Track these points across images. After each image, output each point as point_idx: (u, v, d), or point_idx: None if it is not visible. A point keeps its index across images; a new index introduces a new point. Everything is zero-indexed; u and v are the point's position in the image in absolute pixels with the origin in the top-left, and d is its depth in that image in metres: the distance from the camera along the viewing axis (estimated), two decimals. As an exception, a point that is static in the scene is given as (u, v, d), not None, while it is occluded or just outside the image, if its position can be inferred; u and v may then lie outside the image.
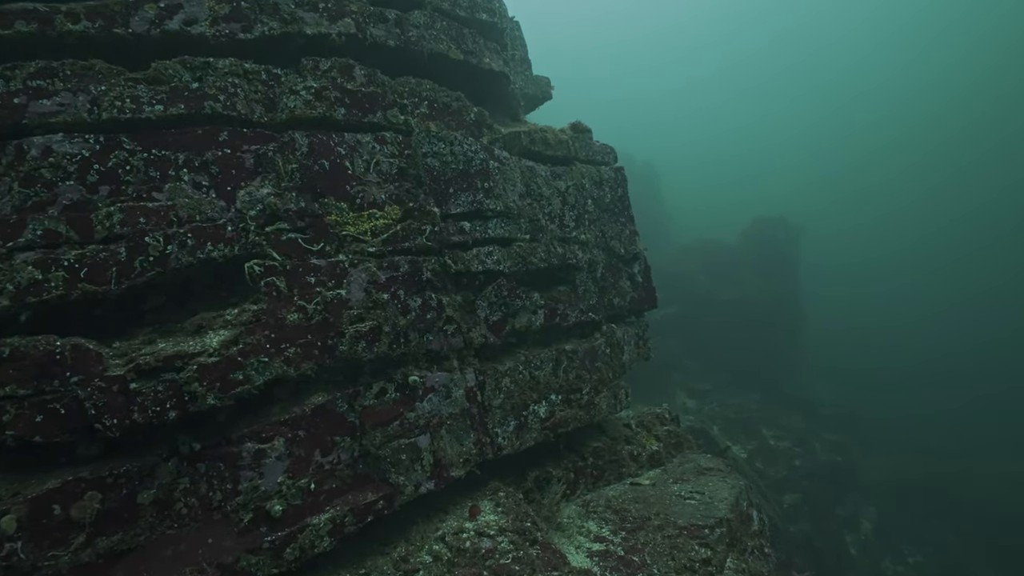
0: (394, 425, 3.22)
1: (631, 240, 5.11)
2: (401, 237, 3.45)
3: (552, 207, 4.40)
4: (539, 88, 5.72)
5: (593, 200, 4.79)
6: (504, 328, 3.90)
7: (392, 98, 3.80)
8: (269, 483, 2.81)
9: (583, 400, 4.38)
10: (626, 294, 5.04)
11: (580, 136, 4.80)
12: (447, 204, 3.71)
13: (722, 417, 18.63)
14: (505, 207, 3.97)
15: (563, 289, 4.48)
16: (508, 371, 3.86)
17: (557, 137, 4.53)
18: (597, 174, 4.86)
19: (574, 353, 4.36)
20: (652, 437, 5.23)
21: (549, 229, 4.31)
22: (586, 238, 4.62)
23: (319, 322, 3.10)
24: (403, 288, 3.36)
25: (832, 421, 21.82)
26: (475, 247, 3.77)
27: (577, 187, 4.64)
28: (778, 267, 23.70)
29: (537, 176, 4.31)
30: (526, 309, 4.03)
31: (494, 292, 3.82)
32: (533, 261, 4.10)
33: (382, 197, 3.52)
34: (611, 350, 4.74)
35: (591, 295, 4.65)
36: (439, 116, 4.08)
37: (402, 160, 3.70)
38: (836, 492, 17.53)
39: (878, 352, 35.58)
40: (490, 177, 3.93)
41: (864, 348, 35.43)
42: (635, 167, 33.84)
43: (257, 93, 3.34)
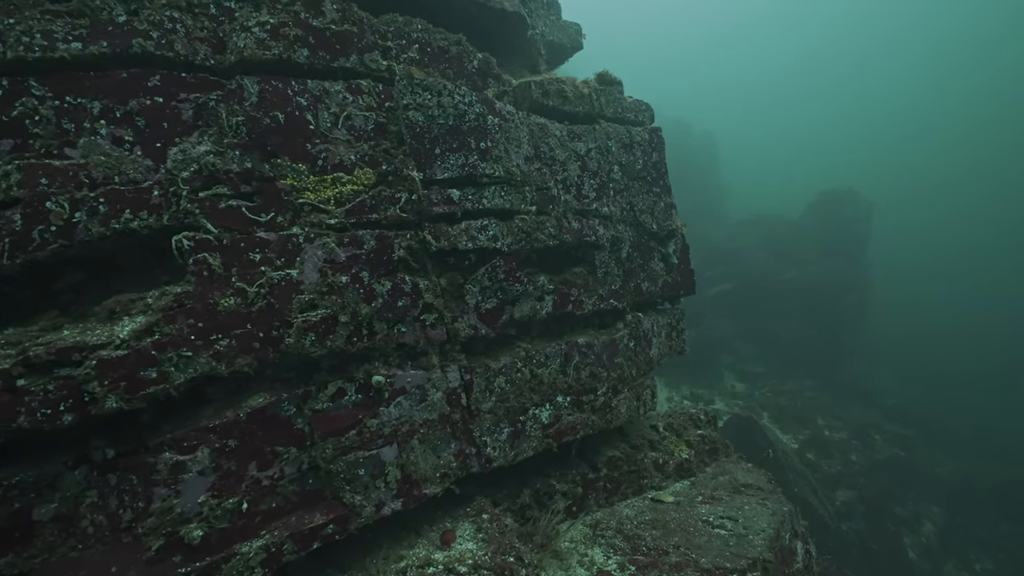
0: (351, 434, 2.68)
1: (666, 214, 4.33)
2: (369, 207, 2.85)
3: (568, 173, 3.68)
4: (567, 36, 4.92)
5: (620, 166, 4.03)
6: (500, 317, 3.27)
7: (372, 39, 3.15)
8: (187, 503, 2.33)
9: (597, 403, 3.73)
10: (658, 278, 4.30)
11: (607, 89, 4.02)
12: (432, 167, 3.07)
13: (773, 404, 17.50)
14: (506, 172, 3.29)
15: (579, 271, 3.80)
16: (503, 369, 3.25)
17: (577, 90, 3.77)
18: (627, 135, 4.08)
19: (589, 347, 3.70)
20: (682, 443, 4.54)
21: (563, 200, 3.61)
22: (609, 211, 3.89)
23: (262, 308, 2.57)
24: (368, 269, 2.77)
25: (895, 413, 20.23)
26: (465, 220, 3.13)
27: (601, 150, 3.89)
28: (845, 245, 21.86)
29: (550, 136, 3.60)
30: (529, 295, 3.38)
31: (488, 275, 3.19)
32: (540, 238, 3.43)
33: (352, 158, 2.92)
34: (636, 343, 4.04)
35: (614, 278, 3.94)
36: (433, 62, 3.41)
37: (381, 114, 3.07)
38: (896, 490, 16.24)
39: (951, 347, 32.85)
40: (488, 136, 3.25)
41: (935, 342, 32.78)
42: (692, 137, 31.98)
43: (203, 30, 2.77)
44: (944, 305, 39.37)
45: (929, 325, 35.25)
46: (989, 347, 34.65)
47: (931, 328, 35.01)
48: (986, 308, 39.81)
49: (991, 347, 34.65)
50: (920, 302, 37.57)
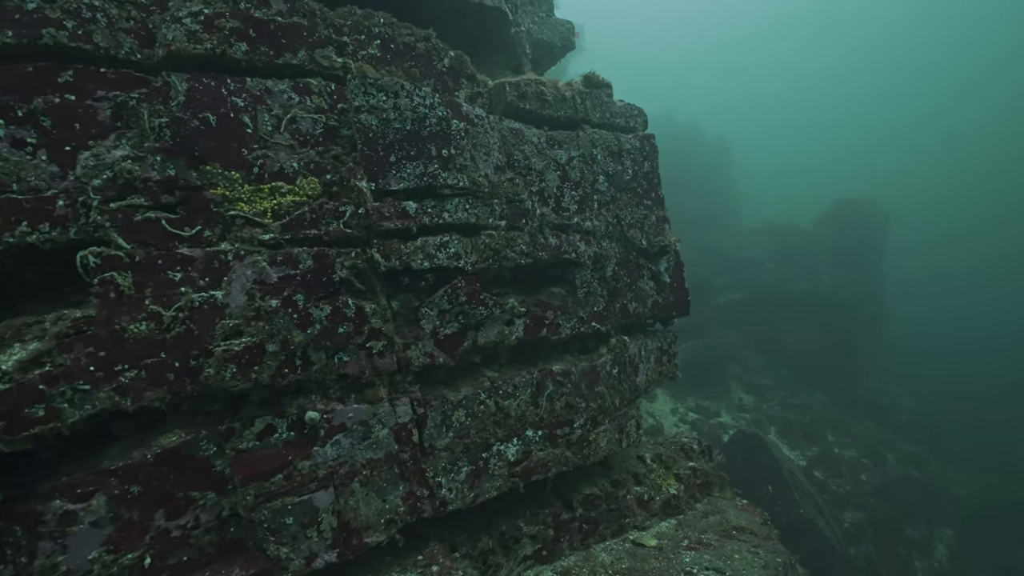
0: (277, 478, 2.37)
1: (658, 229, 3.98)
2: (309, 221, 2.54)
3: (546, 184, 3.35)
4: (558, 35, 4.59)
5: (607, 176, 3.69)
6: (461, 344, 2.95)
7: (326, 34, 2.85)
8: (75, 559, 2.04)
9: (573, 436, 3.39)
10: (647, 298, 3.95)
11: (593, 92, 3.68)
12: (386, 177, 2.75)
13: (781, 418, 17.01)
14: (472, 183, 2.97)
15: (557, 291, 3.47)
16: (464, 401, 2.92)
17: (558, 92, 3.44)
18: (615, 142, 3.74)
19: (565, 375, 3.37)
20: (671, 477, 4.19)
21: (538, 213, 3.28)
22: (592, 225, 3.56)
23: (180, 335, 2.27)
24: (303, 291, 2.47)
25: (909, 430, 19.62)
26: (423, 236, 2.81)
27: (584, 158, 3.56)
28: (860, 255, 21.27)
29: (526, 143, 3.27)
30: (496, 319, 3.06)
31: (448, 297, 2.87)
32: (511, 255, 3.10)
33: (294, 166, 2.61)
34: (620, 370, 3.70)
35: (596, 299, 3.61)
36: (397, 60, 3.10)
37: (333, 117, 2.77)
38: (908, 511, 15.67)
39: (969, 362, 31.95)
40: (451, 142, 2.93)
41: (953, 356, 31.92)
42: (705, 143, 31.44)
43: (130, 20, 2.48)
44: (963, 318, 38.41)
45: (947, 339, 34.38)
46: (1007, 361, 33.72)
47: (949, 342, 34.16)
48: (1006, 321, 38.78)
49: (1010, 361, 33.72)
50: (938, 315, 36.68)
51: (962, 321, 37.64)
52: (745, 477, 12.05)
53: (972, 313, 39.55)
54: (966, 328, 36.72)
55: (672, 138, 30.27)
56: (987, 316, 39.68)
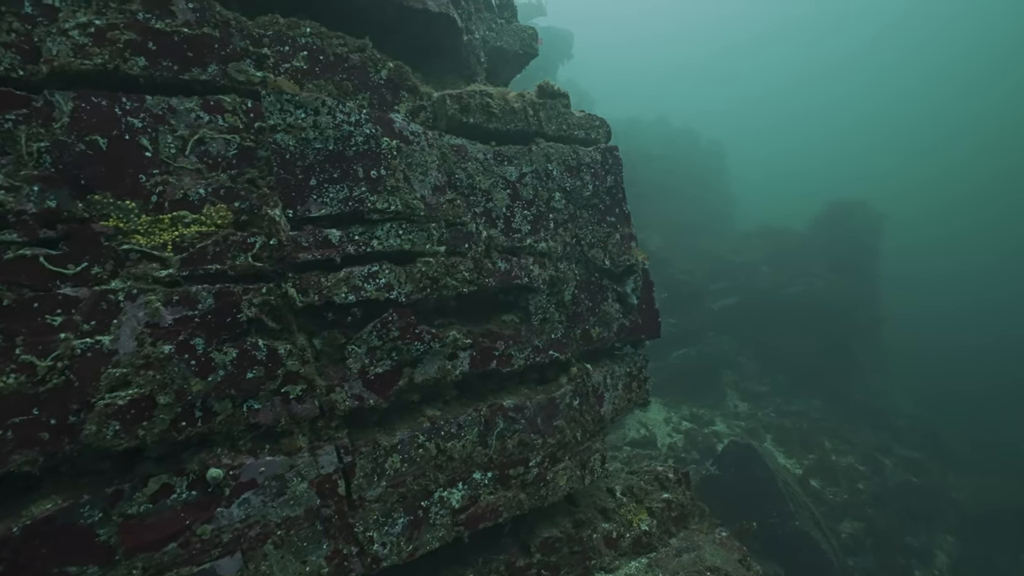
0: (171, 546, 2.10)
1: (623, 247, 3.73)
2: (212, 255, 2.28)
3: (493, 204, 3.10)
4: (519, 41, 4.36)
5: (564, 193, 3.44)
6: (395, 383, 2.69)
7: (242, 46, 2.60)
8: (-81, 657, 1.77)
9: (529, 476, 3.13)
10: (612, 321, 3.70)
11: (548, 103, 3.43)
12: (305, 203, 2.50)
13: (777, 425, 16.72)
14: (405, 206, 2.72)
15: (508, 319, 3.21)
16: (400, 445, 2.66)
17: (507, 104, 3.19)
18: (573, 156, 3.50)
19: (519, 411, 3.11)
20: (643, 511, 3.92)
21: (484, 237, 3.03)
22: (548, 247, 3.30)
23: (57, 388, 2.01)
24: (203, 334, 2.20)
25: (908, 435, 19.33)
26: (348, 266, 2.56)
27: (538, 175, 3.31)
28: (854, 258, 21.05)
29: (469, 160, 3.02)
30: (436, 353, 2.80)
31: (378, 332, 2.61)
32: (451, 284, 2.85)
33: (201, 192, 2.36)
34: (582, 401, 3.44)
35: (554, 326, 3.35)
36: (328, 73, 2.85)
37: (249, 137, 2.52)
38: (908, 519, 15.37)
39: (967, 363, 31.67)
40: (381, 162, 2.68)
41: (951, 357, 31.67)
42: (699, 148, 31.27)
43: (12, 33, 2.23)
44: (961, 320, 38.18)
45: (945, 340, 34.12)
46: (1007, 362, 33.46)
47: (948, 344, 33.88)
48: (1004, 322, 38.54)
49: (1009, 362, 33.46)
50: (936, 317, 36.43)
51: (960, 323, 37.41)
52: (739, 489, 11.77)
53: (970, 315, 39.34)
54: (964, 330, 36.48)
55: (666, 143, 30.12)
56: (985, 317, 39.46)
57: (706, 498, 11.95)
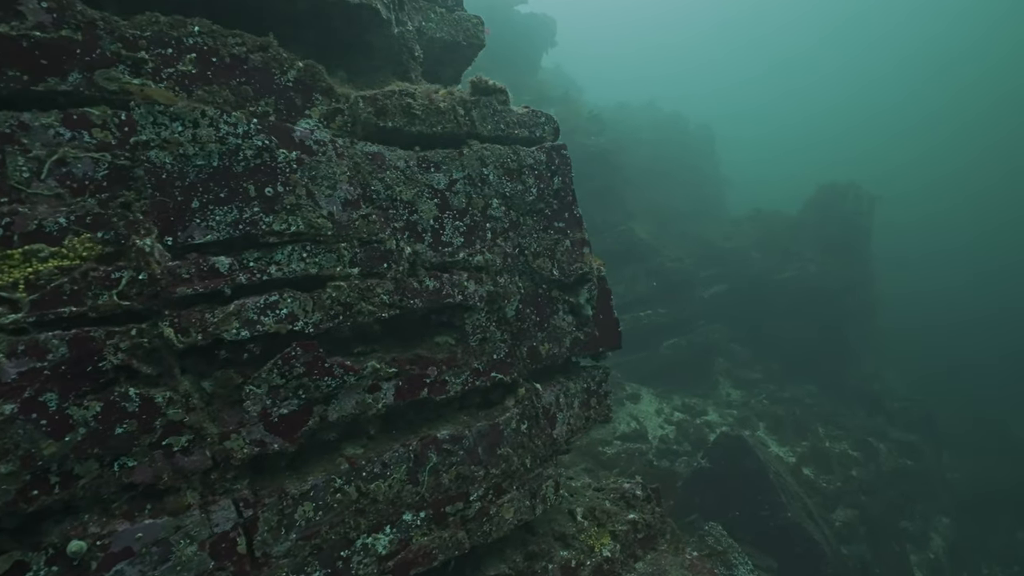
0: (23, 637, 1.83)
1: (574, 255, 3.44)
2: (69, 295, 1.99)
3: (418, 216, 2.81)
4: (460, 31, 4.03)
5: (503, 199, 3.14)
6: (304, 423, 2.41)
7: (114, 49, 2.29)
8: None
9: (470, 512, 2.87)
10: (564, 336, 3.42)
11: (483, 101, 3.12)
12: (187, 228, 2.20)
13: (770, 413, 16.54)
14: (309, 225, 2.42)
15: (442, 341, 2.93)
16: (312, 491, 2.39)
17: (432, 104, 2.88)
18: (513, 158, 3.19)
19: (455, 441, 2.84)
20: (605, 535, 3.67)
21: (408, 253, 2.73)
22: (485, 260, 3.01)
23: None
24: (56, 388, 1.92)
25: (902, 418, 19.20)
26: (241, 297, 2.27)
27: (471, 181, 3.01)
28: (846, 241, 20.77)
29: (388, 169, 2.72)
30: (352, 387, 2.52)
31: (280, 369, 2.33)
32: (368, 309, 2.56)
33: (62, 221, 2.06)
34: (530, 425, 3.17)
35: (496, 345, 3.07)
36: (222, 77, 2.54)
37: (123, 155, 2.21)
38: (903, 503, 15.26)
39: (962, 340, 31.56)
40: (278, 177, 2.38)
41: (946, 335, 31.53)
42: (689, 132, 30.81)
43: None
44: (954, 297, 38.05)
45: (938, 319, 33.97)
46: (1001, 338, 33.39)
47: (941, 321, 33.73)
48: (996, 297, 38.44)
49: (1004, 338, 33.39)
50: (928, 295, 36.25)
51: (952, 300, 37.26)
52: (730, 482, 11.59)
53: (962, 292, 39.21)
54: (957, 307, 36.34)
55: (655, 128, 29.66)
56: (977, 293, 39.35)
57: (697, 492, 11.79)
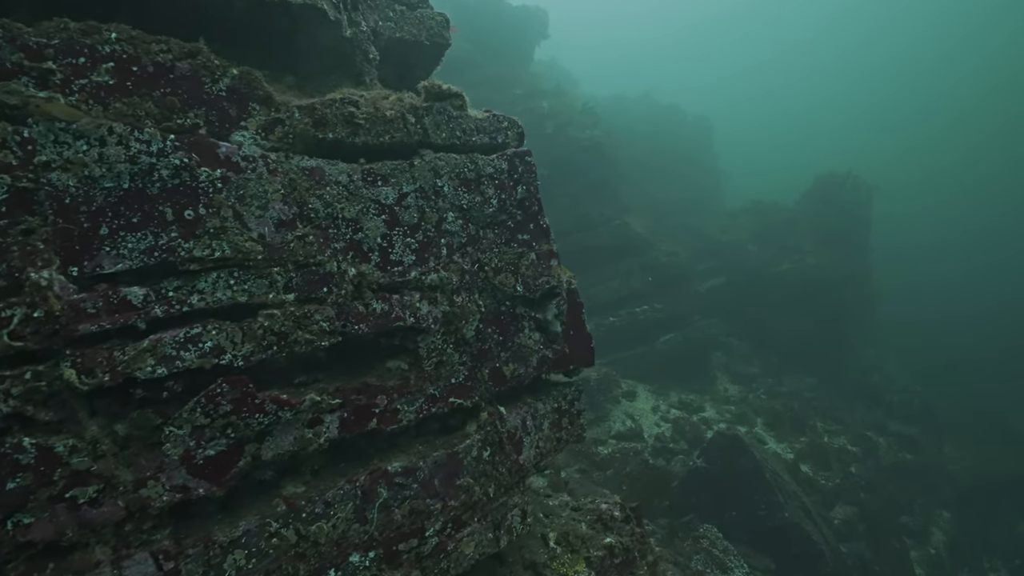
0: None
1: (540, 268, 3.24)
2: (-49, 336, 1.80)
3: (364, 234, 2.61)
4: (423, 30, 3.81)
5: (460, 212, 2.94)
6: (235, 464, 2.22)
7: (15, 59, 2.08)
8: None
9: (426, 548, 2.68)
10: (530, 355, 3.22)
11: (436, 107, 2.91)
12: (94, 257, 2.01)
13: (768, 408, 16.36)
14: (236, 250, 2.22)
15: (394, 367, 2.73)
16: (243, 538, 2.20)
17: (378, 112, 2.67)
18: (471, 168, 2.99)
19: (408, 474, 2.65)
20: (580, 561, 3.49)
21: (353, 275, 2.54)
22: (439, 278, 2.82)
23: None
24: (-65, 443, 1.73)
25: (902, 410, 19.02)
26: (159, 331, 2.07)
27: (423, 194, 2.80)
28: (844, 233, 20.52)
29: (328, 184, 2.52)
30: (288, 423, 2.33)
31: (204, 408, 2.14)
32: (305, 338, 2.37)
33: (-51, 252, 1.87)
34: (493, 452, 2.99)
35: (454, 368, 2.88)
36: (144, 88, 2.33)
37: (26, 176, 2.02)
38: (902, 498, 15.11)
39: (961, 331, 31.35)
40: (199, 198, 2.18)
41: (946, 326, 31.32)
42: (686, 123, 30.49)
43: None
44: (953, 289, 37.81)
45: (938, 310, 33.74)
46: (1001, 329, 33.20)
47: (940, 313, 33.50)
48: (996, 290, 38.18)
49: (1003, 330, 33.19)
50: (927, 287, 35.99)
51: (951, 291, 37.03)
52: (726, 482, 11.44)
53: (961, 283, 38.96)
54: (956, 298, 36.12)
55: (652, 120, 29.36)
56: (975, 285, 39.09)
57: (693, 492, 11.64)
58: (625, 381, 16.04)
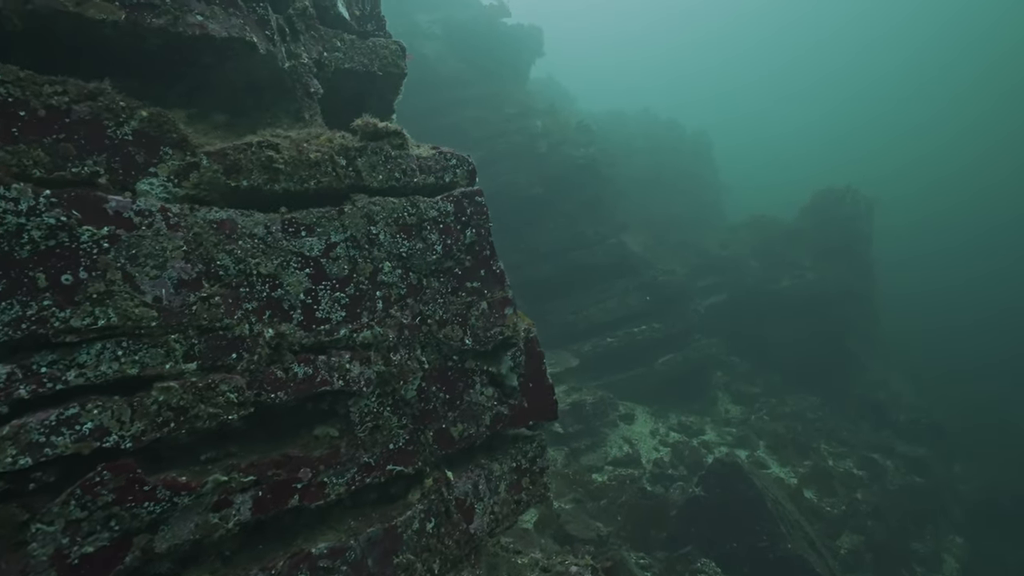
0: None
1: (493, 318, 2.98)
2: None
3: (284, 291, 2.36)
4: (376, 60, 3.60)
5: (398, 261, 2.69)
6: (119, 560, 1.95)
7: None
8: None
9: (356, 638, 2.40)
10: (482, 412, 2.95)
11: (373, 147, 2.68)
12: (-51, 332, 1.76)
13: (770, 430, 15.94)
14: (124, 316, 1.98)
15: (323, 434, 2.47)
16: (131, 646, 1.93)
17: (301, 155, 2.44)
18: (411, 212, 2.75)
19: (336, 555, 2.37)
20: (543, 633, 3.19)
21: (270, 337, 2.29)
22: (373, 335, 2.56)
23: None
24: None
25: (909, 429, 18.55)
26: (21, 416, 1.82)
27: (355, 243, 2.56)
28: (845, 247, 20.24)
29: (241, 238, 2.28)
30: (188, 508, 2.07)
31: (80, 500, 1.88)
32: (208, 412, 2.11)
33: None
34: (439, 522, 2.71)
35: (392, 433, 2.61)
36: (35, 133, 2.10)
37: None
38: (912, 523, 14.61)
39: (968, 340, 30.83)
40: (79, 261, 1.94)
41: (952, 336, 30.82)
42: (685, 139, 30.39)
43: None
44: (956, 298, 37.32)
45: (942, 320, 33.22)
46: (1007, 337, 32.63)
47: (945, 324, 32.96)
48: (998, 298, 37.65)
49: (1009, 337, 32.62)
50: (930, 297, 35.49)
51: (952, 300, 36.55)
52: (725, 511, 11.03)
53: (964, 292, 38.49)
54: (961, 308, 35.63)
55: (650, 136, 29.25)
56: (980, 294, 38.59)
57: (692, 521, 11.23)
58: (623, 403, 15.68)
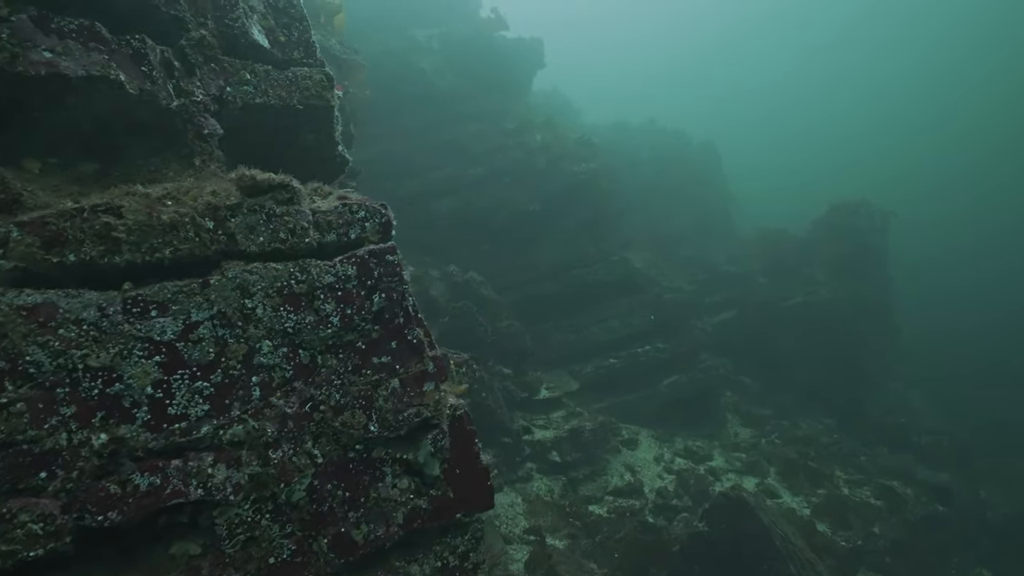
0: None
1: (407, 396, 2.54)
2: None
3: (127, 385, 1.94)
4: (295, 94, 3.18)
5: (283, 338, 2.27)
6: None
7: None
8: None
9: None
10: (395, 508, 2.50)
11: (248, 205, 2.26)
12: None
13: (781, 456, 15.20)
14: None
15: (177, 554, 2.04)
16: None
17: (151, 218, 2.02)
18: (299, 279, 2.32)
19: None
20: None
21: (100, 444, 1.87)
22: (244, 431, 2.13)
23: None
24: None
25: (931, 452, 17.67)
26: None
27: (225, 320, 2.14)
28: (859, 263, 19.47)
29: (61, 325, 1.86)
30: None
31: None
32: (6, 550, 1.69)
33: None
34: (334, 648, 2.25)
35: (273, 545, 2.17)
36: None
37: None
38: (935, 557, 13.77)
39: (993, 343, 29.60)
40: None
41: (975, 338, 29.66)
42: (692, 149, 29.81)
43: None
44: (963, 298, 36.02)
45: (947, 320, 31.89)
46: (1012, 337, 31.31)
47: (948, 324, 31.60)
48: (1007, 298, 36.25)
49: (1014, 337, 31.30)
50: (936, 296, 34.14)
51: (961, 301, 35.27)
52: (731, 549, 10.39)
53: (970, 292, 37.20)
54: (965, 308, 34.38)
55: (656, 147, 28.71)
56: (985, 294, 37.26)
57: (696, 559, 10.61)
58: (626, 427, 15.08)
